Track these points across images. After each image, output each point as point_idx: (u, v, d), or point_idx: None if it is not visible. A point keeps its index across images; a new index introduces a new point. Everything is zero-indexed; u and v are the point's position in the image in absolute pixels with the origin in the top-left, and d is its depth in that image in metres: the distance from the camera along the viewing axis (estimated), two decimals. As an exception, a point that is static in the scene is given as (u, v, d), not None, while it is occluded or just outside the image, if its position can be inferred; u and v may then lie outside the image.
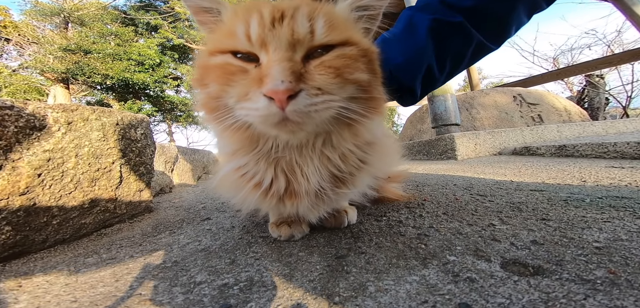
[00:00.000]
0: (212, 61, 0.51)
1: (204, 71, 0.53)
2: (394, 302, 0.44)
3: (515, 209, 0.83)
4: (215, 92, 0.50)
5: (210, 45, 0.53)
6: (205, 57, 0.53)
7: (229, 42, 0.50)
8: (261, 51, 0.47)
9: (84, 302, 0.55)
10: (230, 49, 0.49)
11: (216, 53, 0.51)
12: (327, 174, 0.58)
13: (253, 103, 0.44)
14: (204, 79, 0.52)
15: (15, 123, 0.84)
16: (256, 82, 0.45)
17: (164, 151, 2.87)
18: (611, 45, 7.47)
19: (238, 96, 0.47)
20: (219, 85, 0.49)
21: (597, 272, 0.46)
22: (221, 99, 0.50)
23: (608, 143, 1.75)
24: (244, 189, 0.61)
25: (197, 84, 0.55)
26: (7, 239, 0.81)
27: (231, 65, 0.49)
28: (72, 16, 10.24)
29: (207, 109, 0.55)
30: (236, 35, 0.49)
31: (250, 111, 0.45)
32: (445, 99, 2.87)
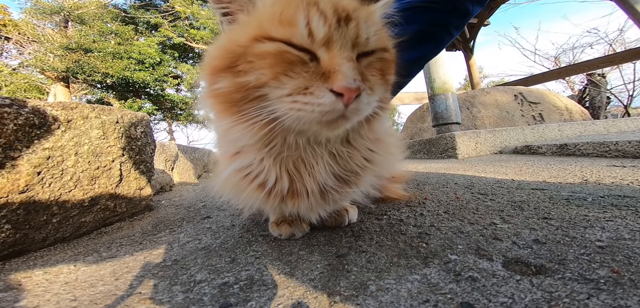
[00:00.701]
0: (260, 47, 0.46)
1: (238, 56, 0.47)
2: (395, 301, 0.44)
3: (516, 208, 0.82)
4: (259, 81, 0.45)
5: (253, 29, 0.48)
6: (242, 41, 0.48)
7: (284, 31, 0.46)
8: (322, 47, 0.46)
9: (84, 300, 0.55)
10: (285, 39, 0.45)
11: (264, 39, 0.46)
12: (335, 172, 0.58)
13: (316, 98, 0.43)
14: (236, 66, 0.47)
15: (14, 121, 0.84)
16: (320, 78, 0.44)
17: (164, 150, 2.87)
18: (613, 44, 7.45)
19: (294, 88, 0.44)
20: (270, 73, 0.45)
21: (600, 271, 0.46)
22: (261, 89, 0.46)
23: (609, 141, 1.74)
24: (247, 190, 0.60)
25: (219, 71, 0.49)
26: (7, 237, 0.80)
27: (290, 54, 0.45)
28: (72, 15, 10.22)
29: (225, 100, 0.50)
30: (295, 26, 0.45)
31: (308, 106, 0.44)
32: (446, 98, 2.86)
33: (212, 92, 0.52)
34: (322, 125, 0.47)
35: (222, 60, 0.49)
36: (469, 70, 7.27)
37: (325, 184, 0.58)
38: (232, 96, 0.49)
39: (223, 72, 0.48)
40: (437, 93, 2.88)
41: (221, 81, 0.49)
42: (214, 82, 0.50)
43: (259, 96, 0.47)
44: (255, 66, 0.46)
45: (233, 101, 0.49)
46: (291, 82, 0.45)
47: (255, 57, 0.46)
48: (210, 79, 0.51)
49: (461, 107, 3.72)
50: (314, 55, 0.46)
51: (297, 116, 0.45)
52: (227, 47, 0.49)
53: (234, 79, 0.47)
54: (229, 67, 0.48)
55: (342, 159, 0.58)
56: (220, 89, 0.49)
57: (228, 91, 0.49)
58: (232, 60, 0.47)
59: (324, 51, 0.46)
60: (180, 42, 12.67)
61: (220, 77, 0.49)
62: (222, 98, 0.50)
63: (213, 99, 0.52)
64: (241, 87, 0.47)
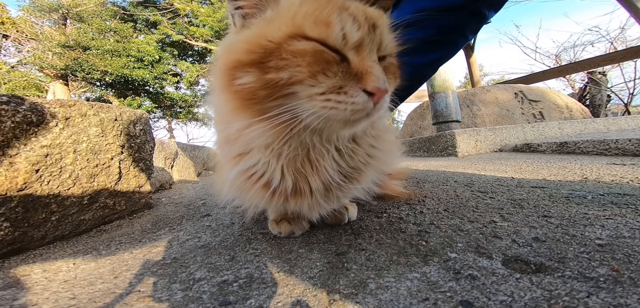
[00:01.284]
0: (297, 45, 0.46)
1: (270, 52, 0.46)
2: (395, 300, 0.44)
3: (516, 206, 0.82)
4: (294, 78, 0.45)
5: (287, 27, 0.47)
6: (275, 37, 0.47)
7: (320, 31, 0.46)
8: (352, 50, 0.48)
9: (83, 298, 0.54)
10: (320, 39, 0.46)
11: (299, 37, 0.46)
12: (340, 169, 0.59)
13: (350, 97, 0.46)
14: (267, 62, 0.46)
15: (12, 118, 0.83)
16: (352, 78, 0.47)
17: (164, 148, 2.87)
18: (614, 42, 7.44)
19: (329, 87, 0.46)
20: (307, 72, 0.45)
21: (600, 269, 0.45)
22: (292, 87, 0.46)
23: (609, 140, 1.74)
24: (252, 191, 0.60)
25: (244, 66, 0.47)
26: (6, 235, 0.80)
27: (326, 54, 0.46)
28: (70, 12, 10.17)
29: (247, 97, 0.48)
30: (331, 28, 0.46)
31: (342, 104, 0.45)
32: (446, 96, 2.86)
33: (232, 88, 0.49)
34: (346, 123, 0.49)
35: (249, 54, 0.47)
36: (469, 68, 7.26)
37: (330, 181, 0.58)
38: (257, 92, 0.47)
39: (249, 67, 0.47)
40: (437, 91, 2.87)
41: (246, 76, 0.47)
42: (236, 77, 0.48)
43: (286, 94, 0.46)
44: (290, 63, 0.45)
45: (256, 99, 0.48)
46: (327, 81, 0.46)
47: (290, 54, 0.45)
48: (230, 73, 0.49)
49: (461, 106, 3.71)
50: (344, 57, 0.48)
51: (329, 114, 0.46)
52: (256, 41, 0.47)
53: (262, 76, 0.46)
54: (257, 62, 0.46)
55: (346, 156, 0.59)
56: (245, 85, 0.47)
57: (254, 87, 0.47)
58: (262, 55, 0.46)
59: (353, 53, 0.48)
60: (180, 40, 12.62)
61: (244, 72, 0.47)
62: (245, 95, 0.48)
63: (232, 95, 0.50)
64: (270, 84, 0.46)
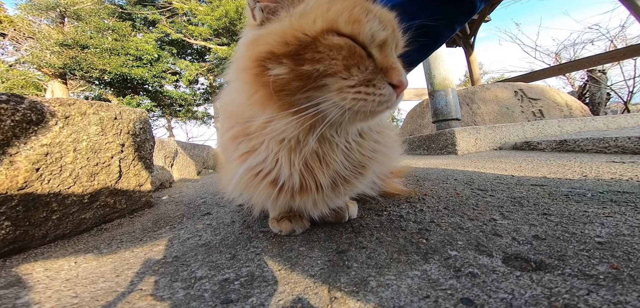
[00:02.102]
0: (332, 40, 0.48)
1: (306, 45, 0.48)
2: (396, 297, 0.44)
3: (516, 204, 0.83)
4: (330, 70, 0.48)
5: (321, 22, 0.49)
6: (310, 31, 0.48)
7: (351, 28, 0.49)
8: (376, 48, 0.52)
9: (85, 297, 0.55)
10: (351, 35, 0.50)
11: (333, 33, 0.49)
12: (347, 163, 0.61)
13: (378, 89, 0.50)
14: (302, 54, 0.47)
15: (11, 117, 0.83)
16: (379, 73, 0.51)
17: (164, 146, 2.86)
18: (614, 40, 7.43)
19: (360, 80, 0.49)
20: (342, 65, 0.48)
21: (600, 267, 0.46)
22: (324, 79, 0.48)
23: (609, 138, 1.75)
24: (259, 188, 0.61)
25: (278, 56, 0.48)
26: (7, 234, 0.80)
27: (358, 50, 0.50)
28: (68, 11, 10.11)
29: (279, 88, 0.49)
30: (362, 26, 0.50)
31: (370, 96, 0.49)
32: (446, 94, 2.85)
33: (262, 80, 0.50)
34: (370, 114, 0.52)
35: (284, 46, 0.48)
36: (469, 66, 7.25)
37: (338, 175, 0.60)
38: (290, 84, 0.48)
39: (283, 57, 0.48)
40: (437, 89, 2.87)
41: (279, 67, 0.48)
42: (267, 68, 0.49)
43: (317, 86, 0.49)
44: (325, 56, 0.48)
45: (288, 90, 0.49)
46: (359, 74, 0.49)
47: (327, 47, 0.48)
48: (260, 65, 0.49)
49: (461, 104, 3.71)
50: (370, 53, 0.52)
51: (358, 106, 0.49)
52: (291, 34, 0.49)
53: (297, 67, 0.48)
54: (292, 54, 0.48)
55: (354, 150, 0.61)
56: (277, 76, 0.48)
57: (286, 78, 0.48)
58: (297, 47, 0.48)
59: (377, 51, 0.53)
60: (178, 39, 12.58)
61: (278, 63, 0.48)
62: (276, 86, 0.49)
63: (260, 87, 0.50)
64: (304, 75, 0.48)
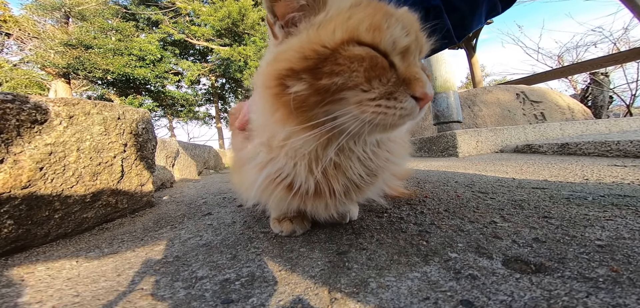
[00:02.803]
0: (353, 51, 0.45)
1: (325, 58, 0.45)
2: (396, 299, 0.44)
3: (517, 206, 0.82)
4: (350, 83, 0.45)
5: (341, 32, 0.46)
6: (329, 43, 0.46)
7: (372, 36, 0.46)
8: (397, 56, 0.49)
9: (86, 296, 0.55)
10: (372, 44, 0.46)
11: (353, 43, 0.46)
12: (362, 170, 0.59)
13: (399, 103, 0.46)
14: (321, 67, 0.45)
15: (16, 116, 0.84)
16: (401, 84, 0.47)
17: (165, 146, 2.88)
18: (617, 42, 7.40)
19: (381, 93, 0.46)
20: (363, 77, 0.45)
21: (600, 269, 0.46)
22: (342, 93, 0.46)
23: (611, 141, 1.74)
24: (276, 192, 0.60)
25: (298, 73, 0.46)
26: (10, 233, 0.81)
27: (381, 60, 0.46)
28: (72, 11, 10.19)
29: (297, 105, 0.47)
30: (383, 33, 0.46)
31: (391, 109, 0.46)
32: (447, 96, 2.85)
33: (283, 98, 0.48)
34: (390, 127, 0.49)
35: (303, 61, 0.46)
36: (470, 68, 7.25)
37: (352, 182, 0.59)
38: (308, 99, 0.46)
39: (303, 73, 0.46)
40: (438, 91, 2.87)
41: (298, 83, 0.46)
42: (288, 85, 0.47)
43: (336, 100, 0.46)
44: (345, 69, 0.45)
45: (306, 106, 0.47)
46: (380, 87, 0.46)
47: (347, 59, 0.45)
48: (281, 83, 0.48)
49: (462, 106, 3.71)
50: (392, 62, 0.48)
51: (378, 119, 0.46)
52: (310, 47, 0.46)
53: (315, 82, 0.45)
54: (311, 68, 0.46)
55: (368, 160, 0.59)
56: (297, 93, 0.46)
57: (306, 93, 0.46)
58: (316, 61, 0.45)
59: (399, 59, 0.49)
60: (181, 39, 12.66)
61: (297, 80, 0.46)
62: (296, 103, 0.47)
63: (281, 105, 0.49)
64: (322, 89, 0.46)
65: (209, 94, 15.13)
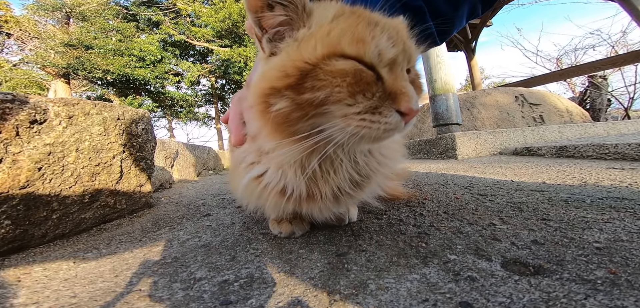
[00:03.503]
0: (336, 65, 0.44)
1: (307, 73, 0.45)
2: (395, 300, 0.44)
3: (515, 209, 0.83)
4: (332, 98, 0.44)
5: (323, 46, 0.46)
6: (311, 58, 0.45)
7: (356, 48, 0.45)
8: (385, 68, 0.47)
9: (83, 297, 0.55)
10: (357, 56, 0.45)
11: (336, 56, 0.45)
12: (352, 177, 0.59)
13: (384, 117, 0.46)
14: (303, 83, 0.45)
15: (16, 116, 0.84)
16: (387, 98, 0.46)
17: (164, 147, 2.87)
18: (615, 46, 7.44)
19: (366, 108, 0.45)
20: (346, 92, 0.44)
21: (598, 272, 0.46)
22: (325, 107, 0.45)
23: (609, 144, 1.75)
24: (270, 198, 0.61)
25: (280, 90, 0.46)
26: (7, 233, 0.81)
27: (366, 74, 0.45)
28: (74, 11, 10.21)
29: (281, 121, 0.47)
30: (367, 45, 0.45)
31: (375, 124, 0.45)
32: (446, 99, 2.86)
33: (267, 116, 0.48)
34: (375, 139, 0.48)
35: (285, 79, 0.45)
36: (470, 71, 7.27)
37: (341, 189, 0.59)
38: (291, 115, 0.46)
39: (285, 90, 0.46)
40: (438, 93, 2.87)
41: (280, 101, 0.46)
42: (271, 104, 0.47)
43: (320, 113, 0.46)
44: (327, 84, 0.44)
45: (290, 121, 0.47)
46: (365, 102, 0.45)
47: (329, 74, 0.44)
48: (265, 101, 0.48)
49: (462, 108, 3.72)
50: (378, 74, 0.47)
51: (362, 133, 0.46)
52: (291, 65, 0.46)
53: (297, 97, 0.45)
54: (293, 85, 0.45)
55: (359, 166, 0.59)
56: (280, 110, 0.46)
57: (288, 110, 0.46)
58: (298, 77, 0.45)
59: (387, 71, 0.48)
60: (182, 40, 12.68)
61: (279, 97, 0.46)
62: (279, 119, 0.47)
63: (268, 122, 0.49)
64: (304, 104, 0.45)
65: (209, 95, 15.14)
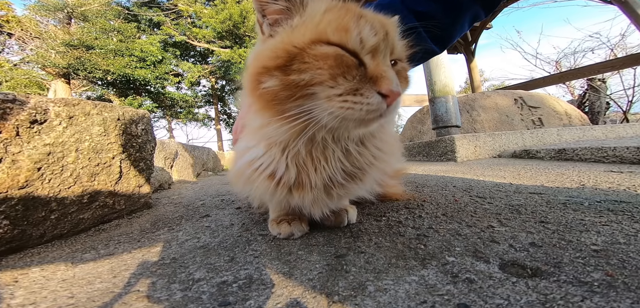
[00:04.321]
0: (320, 50, 0.49)
1: (294, 56, 0.50)
2: (393, 302, 0.44)
3: (514, 211, 0.83)
4: (315, 80, 0.49)
5: (310, 33, 0.51)
6: (299, 43, 0.50)
7: (339, 36, 0.50)
8: (368, 54, 0.52)
9: (81, 298, 0.55)
10: (340, 43, 0.50)
11: (321, 43, 0.50)
12: (344, 168, 0.61)
13: (365, 98, 0.49)
14: (290, 65, 0.50)
15: (16, 116, 0.84)
16: (368, 81, 0.50)
17: (164, 147, 2.87)
18: (614, 48, 7.47)
19: (347, 89, 0.49)
20: (327, 74, 0.48)
21: (595, 274, 0.46)
22: (312, 88, 0.49)
23: (607, 147, 1.75)
24: (258, 181, 0.63)
25: (270, 70, 0.51)
26: (5, 233, 0.80)
27: (346, 58, 0.50)
28: (75, 12, 10.23)
29: (270, 98, 0.52)
30: (349, 33, 0.50)
31: (357, 105, 0.49)
32: (446, 101, 2.87)
33: (258, 92, 0.53)
34: (361, 123, 0.52)
35: (275, 60, 0.51)
36: (469, 73, 7.28)
37: (332, 179, 0.61)
38: (279, 94, 0.51)
39: (274, 70, 0.51)
40: (437, 96, 2.88)
41: (270, 80, 0.51)
42: (261, 82, 0.52)
43: (306, 95, 0.50)
44: (311, 66, 0.49)
45: (278, 99, 0.52)
46: (346, 83, 0.49)
47: (313, 58, 0.49)
48: (257, 79, 0.53)
49: (461, 111, 3.72)
50: (361, 61, 0.51)
51: (345, 114, 0.49)
52: (282, 47, 0.51)
53: (285, 77, 0.50)
54: (282, 66, 0.50)
55: (352, 156, 0.61)
56: (268, 88, 0.51)
57: (276, 89, 0.51)
58: (286, 60, 0.50)
59: (369, 58, 0.52)
60: (182, 41, 12.70)
61: (269, 76, 0.51)
62: (268, 96, 0.52)
63: (257, 98, 0.54)
64: (291, 85, 0.50)
65: (209, 95, 15.15)
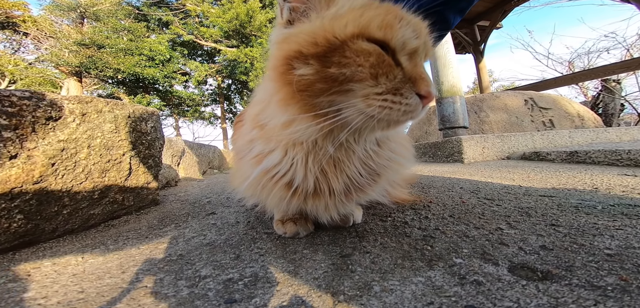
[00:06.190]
0: (362, 46, 0.47)
1: (335, 48, 0.47)
2: (399, 303, 0.44)
3: (523, 214, 0.81)
4: (356, 76, 0.47)
5: (352, 26, 0.48)
6: (340, 34, 0.48)
7: (384, 33, 0.49)
8: (405, 56, 0.51)
9: (91, 292, 0.56)
10: (384, 40, 0.49)
11: (362, 38, 0.48)
12: (363, 171, 0.60)
13: (405, 98, 0.49)
14: (330, 56, 0.47)
15: (32, 113, 0.87)
16: (407, 82, 0.49)
17: (171, 145, 2.91)
18: (631, 48, 7.24)
19: (388, 89, 0.48)
20: (368, 72, 0.47)
21: (608, 278, 0.45)
22: (349, 85, 0.48)
23: (622, 150, 1.70)
24: (274, 190, 0.61)
25: (306, 57, 0.48)
26: (19, 227, 0.83)
27: (387, 58, 0.49)
28: (87, 11, 10.47)
29: (303, 88, 0.48)
30: (394, 32, 0.49)
31: (396, 105, 0.48)
32: (453, 101, 2.83)
33: (287, 78, 0.49)
34: (390, 123, 0.51)
35: (314, 47, 0.48)
36: (478, 73, 7.17)
37: (352, 182, 0.60)
38: (314, 85, 0.48)
39: (311, 58, 0.48)
40: (444, 96, 2.85)
41: (305, 67, 0.48)
42: (293, 67, 0.49)
43: (343, 91, 0.48)
44: (352, 62, 0.47)
45: (311, 91, 0.49)
46: (387, 83, 0.48)
47: (354, 53, 0.47)
48: (288, 63, 0.49)
49: (469, 111, 3.67)
50: (397, 61, 0.51)
51: (383, 113, 0.48)
52: (322, 35, 0.48)
53: (323, 69, 0.47)
54: (319, 55, 0.47)
55: (370, 158, 0.61)
56: (302, 76, 0.48)
57: (311, 79, 0.48)
58: (326, 49, 0.47)
59: (406, 59, 0.51)
60: (190, 40, 12.86)
61: (304, 63, 0.48)
62: (300, 86, 0.48)
63: (284, 85, 0.50)
64: (330, 78, 0.47)
65: (215, 94, 15.30)
